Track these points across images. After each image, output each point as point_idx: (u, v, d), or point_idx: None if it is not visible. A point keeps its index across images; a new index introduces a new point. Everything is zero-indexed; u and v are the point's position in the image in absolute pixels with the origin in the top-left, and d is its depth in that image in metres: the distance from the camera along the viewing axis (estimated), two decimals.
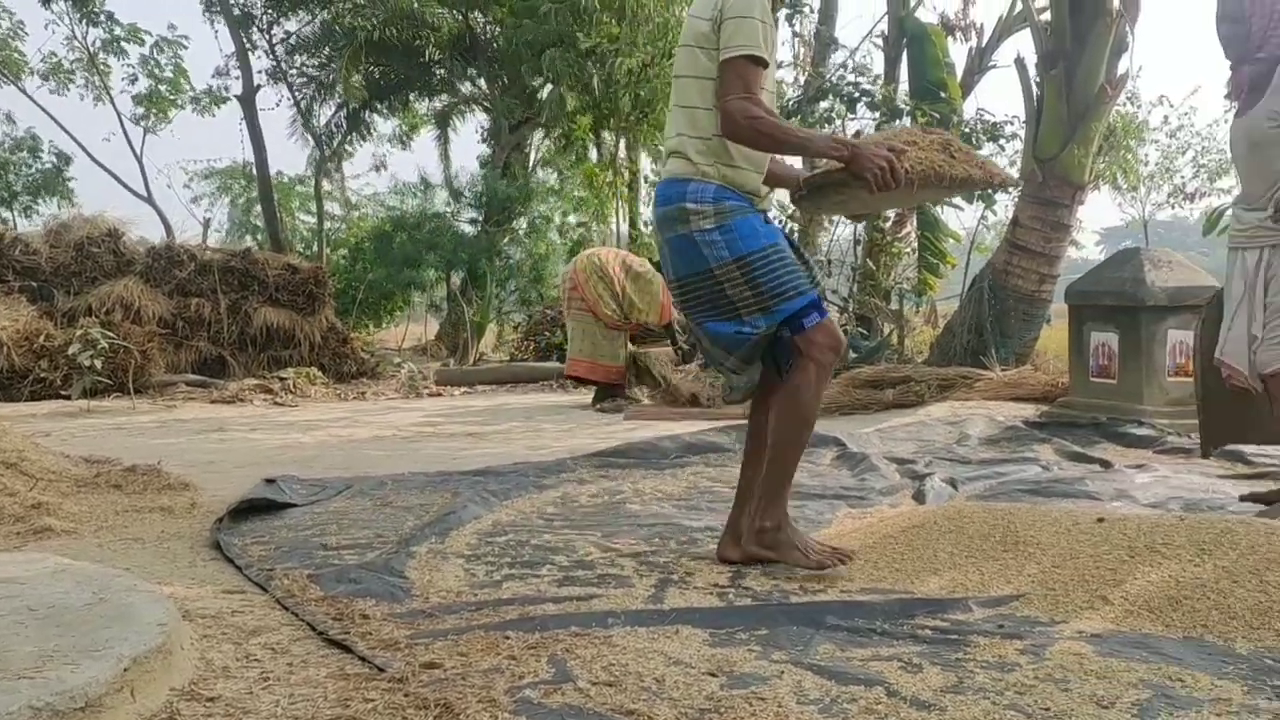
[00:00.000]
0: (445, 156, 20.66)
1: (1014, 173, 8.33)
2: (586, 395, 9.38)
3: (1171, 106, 10.66)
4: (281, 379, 10.94)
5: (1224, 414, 4.21)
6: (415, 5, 17.81)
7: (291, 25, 19.27)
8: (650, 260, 9.95)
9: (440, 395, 10.93)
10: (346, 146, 21.43)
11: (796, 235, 9.50)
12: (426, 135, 21.95)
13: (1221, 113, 3.81)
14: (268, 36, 19.24)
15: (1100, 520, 3.17)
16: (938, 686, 2.12)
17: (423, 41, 17.71)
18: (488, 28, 18.42)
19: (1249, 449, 4.82)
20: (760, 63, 2.99)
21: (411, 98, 20.53)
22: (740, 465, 3.43)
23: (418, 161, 43.91)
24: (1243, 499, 4.06)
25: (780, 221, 8.20)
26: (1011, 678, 2.17)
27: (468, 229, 18.24)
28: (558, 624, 2.52)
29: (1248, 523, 3.03)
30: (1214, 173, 10.48)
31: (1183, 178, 11.65)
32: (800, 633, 2.49)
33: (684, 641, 2.41)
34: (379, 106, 20.30)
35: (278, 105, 20.64)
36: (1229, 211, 4.23)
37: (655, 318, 8.86)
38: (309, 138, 20.14)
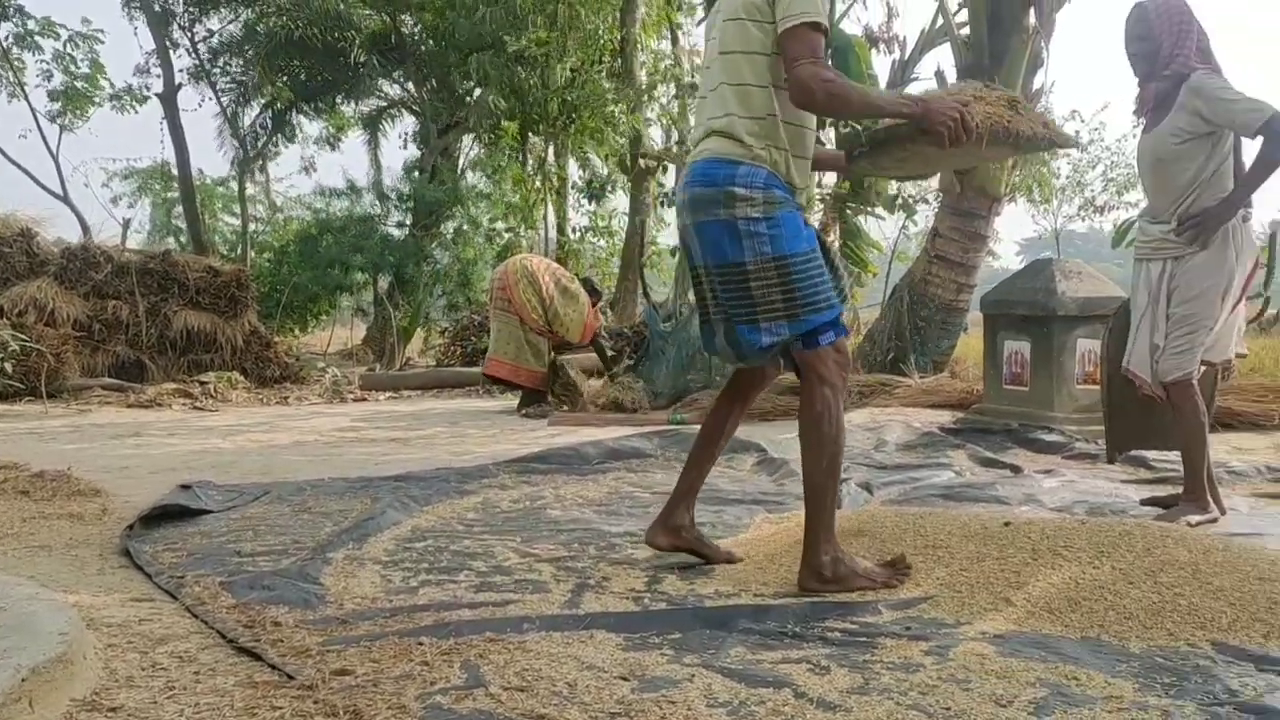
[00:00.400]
0: (375, 160, 20.53)
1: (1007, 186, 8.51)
2: (512, 401, 9.37)
3: (1083, 121, 10.96)
4: (202, 383, 10.75)
5: (1128, 421, 4.32)
6: (340, 6, 17.64)
7: (214, 24, 18.98)
8: (578, 275, 9.99)
9: (365, 400, 10.83)
10: (272, 148, 21.17)
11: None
12: (354, 138, 21.79)
13: (1130, 128, 3.94)
14: (189, 35, 18.93)
15: (1007, 524, 3.26)
16: (844, 688, 2.17)
17: (347, 43, 17.55)
18: (415, 30, 18.31)
19: (1151, 454, 4.96)
20: (822, 29, 2.84)
21: (338, 100, 20.33)
22: (684, 464, 3.36)
23: (345, 164, 43.31)
24: (1143, 503, 4.19)
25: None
26: (916, 678, 2.22)
27: (395, 232, 18.11)
28: (472, 630, 2.52)
29: (1145, 526, 3.13)
30: (1122, 186, 10.81)
31: (1093, 191, 12.00)
32: (713, 636, 2.53)
33: (598, 646, 2.43)
34: (305, 108, 20.09)
35: (200, 106, 20.35)
36: (1136, 224, 4.35)
37: (576, 338, 8.89)
38: (233, 139, 19.85)
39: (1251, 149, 3.86)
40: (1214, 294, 3.90)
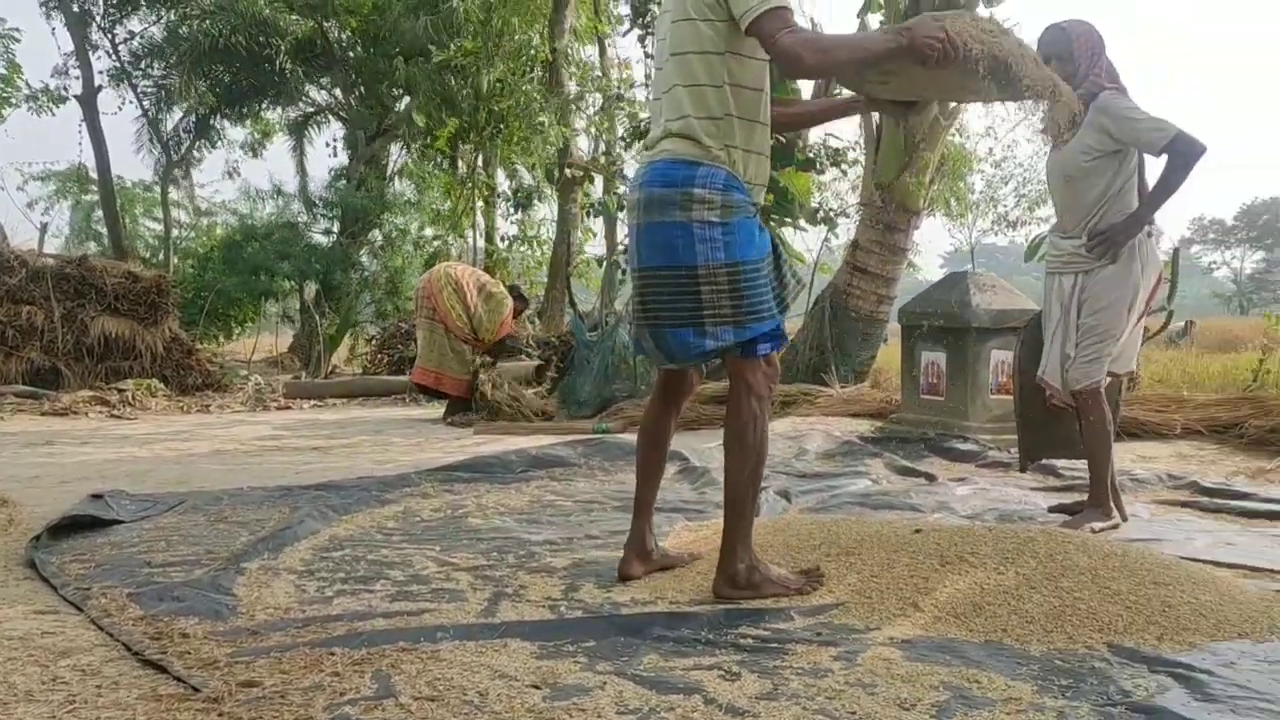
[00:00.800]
0: (300, 166, 20.30)
1: (856, 198, 8.71)
2: (438, 409, 9.33)
3: (996, 139, 11.22)
4: (120, 391, 10.55)
5: (1038, 430, 4.42)
6: (265, 11, 17.43)
7: (135, 25, 18.64)
8: (506, 283, 9.98)
9: (289, 408, 10.72)
10: (195, 153, 20.84)
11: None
12: (280, 143, 21.52)
13: (1041, 146, 4.05)
14: (109, 36, 18.57)
15: (917, 531, 3.33)
16: (753, 694, 2.20)
17: (273, 49, 17.35)
18: (342, 36, 18.16)
19: (1060, 463, 5.09)
20: (785, 7, 2.78)
21: (264, 105, 20.07)
22: (636, 477, 3.32)
23: (271, 170, 42.83)
24: (1051, 510, 4.31)
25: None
26: (823, 683, 2.26)
27: (322, 239, 17.93)
28: (385, 639, 2.52)
29: (1048, 532, 3.22)
30: (1034, 202, 11.09)
31: (1005, 206, 12.31)
32: (627, 643, 2.55)
33: (511, 655, 2.44)
34: (229, 113, 19.80)
35: (121, 109, 19.96)
36: (1047, 239, 4.46)
37: (491, 337, 8.91)
38: (155, 143, 19.50)
39: (1154, 166, 4.00)
40: (1120, 306, 4.02)
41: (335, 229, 18.23)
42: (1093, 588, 2.81)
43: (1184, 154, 3.80)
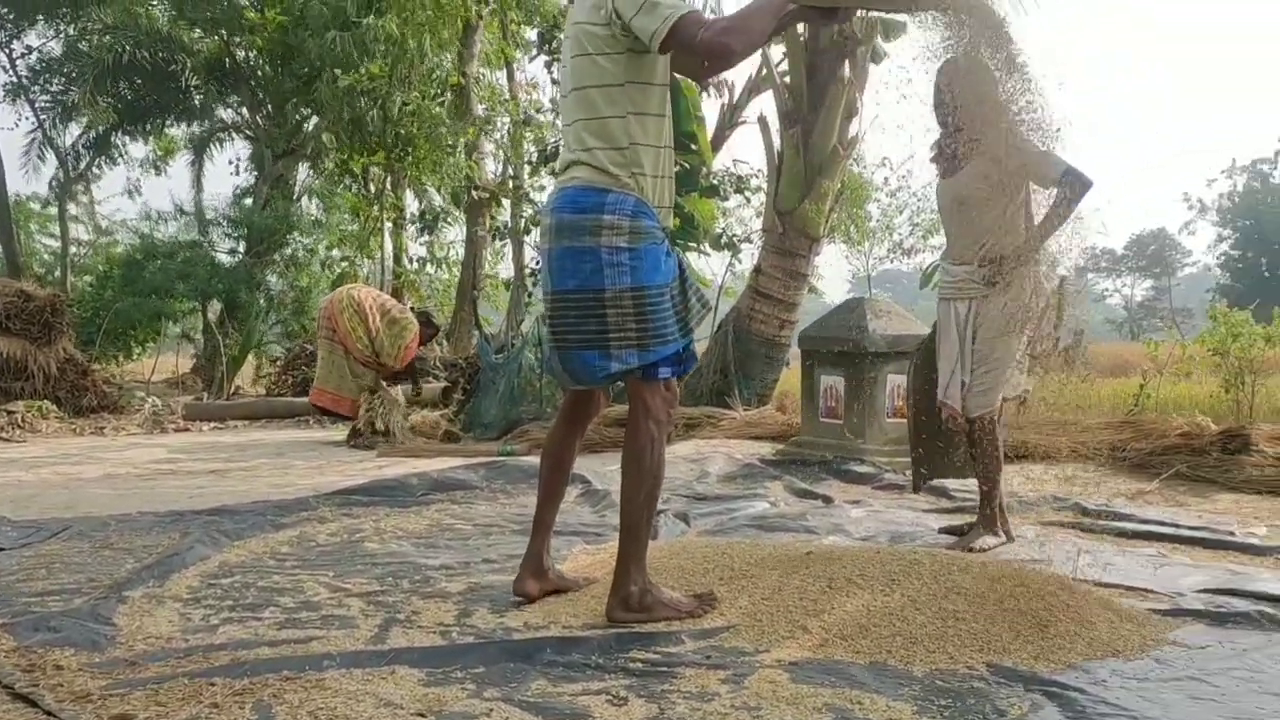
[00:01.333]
0: (198, 183, 19.91)
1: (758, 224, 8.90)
2: (342, 431, 9.19)
3: (892, 169, 11.50)
4: (10, 412, 10.19)
5: (932, 452, 4.51)
6: (169, 29, 17.11)
7: (33, 40, 18.16)
8: (413, 307, 9.88)
9: (188, 431, 10.47)
10: (94, 169, 20.31)
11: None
12: (184, 161, 21.09)
13: (934, 175, 4.16)
14: (6, 51, 18.05)
15: (809, 554, 3.38)
16: (640, 718, 2.22)
17: (178, 66, 17.03)
18: (250, 55, 17.90)
19: (953, 485, 5.21)
20: (690, 11, 2.88)
21: (168, 122, 19.67)
22: (538, 496, 3.34)
23: (173, 188, 41.71)
24: (941, 531, 4.41)
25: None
26: (710, 706, 2.29)
27: (226, 259, 17.60)
28: (269, 668, 2.49)
29: (934, 554, 3.30)
30: (928, 230, 11.43)
31: (900, 234, 12.66)
32: (517, 669, 2.55)
33: (398, 682, 2.43)
34: (132, 129, 19.36)
35: (17, 125, 19.42)
36: (939, 265, 4.55)
37: (393, 363, 8.81)
38: (44, 159, 18.98)
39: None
40: (1011, 336, 4.13)
41: (240, 248, 17.90)
42: (975, 608, 2.88)
43: (1074, 187, 3.93)
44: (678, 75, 3.46)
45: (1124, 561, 3.86)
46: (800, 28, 8.51)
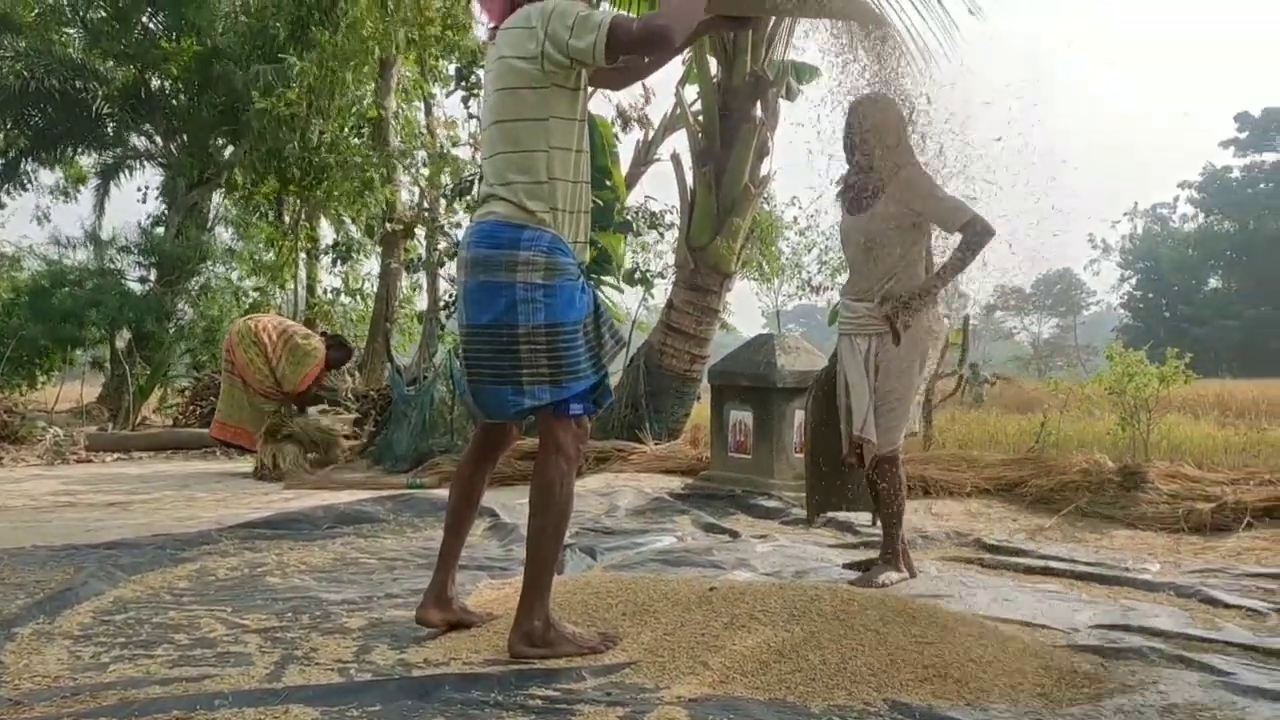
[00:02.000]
0: (100, 210, 19.49)
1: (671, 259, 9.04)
2: (249, 464, 9.01)
3: (801, 208, 11.69)
4: None
5: (828, 484, 4.55)
6: (81, 57, 16.79)
7: None
8: (325, 332, 9.74)
9: (91, 461, 10.16)
10: (4, 197, 19.76)
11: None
12: (96, 188, 20.60)
13: (840, 213, 4.24)
14: None
15: (712, 589, 3.40)
16: None
17: (90, 94, 16.72)
18: (165, 84, 17.63)
19: (858, 520, 5.28)
20: (614, 17, 2.94)
21: (79, 150, 19.23)
22: (445, 531, 3.33)
23: (83, 216, 40.66)
24: (845, 566, 4.46)
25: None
26: None
27: (137, 287, 17.22)
28: (159, 708, 2.43)
29: (835, 590, 3.34)
30: (836, 269, 11.65)
31: (809, 272, 12.91)
32: (414, 707, 2.53)
33: None
34: (43, 157, 18.89)
35: None
36: (840, 301, 4.61)
37: (293, 389, 8.70)
38: None
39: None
40: (912, 370, 4.22)
41: (152, 277, 17.53)
42: (874, 644, 2.92)
43: (978, 234, 4.01)
44: (592, 111, 3.52)
45: (1022, 597, 3.94)
46: (713, 68, 8.66)
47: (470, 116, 10.97)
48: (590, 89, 3.16)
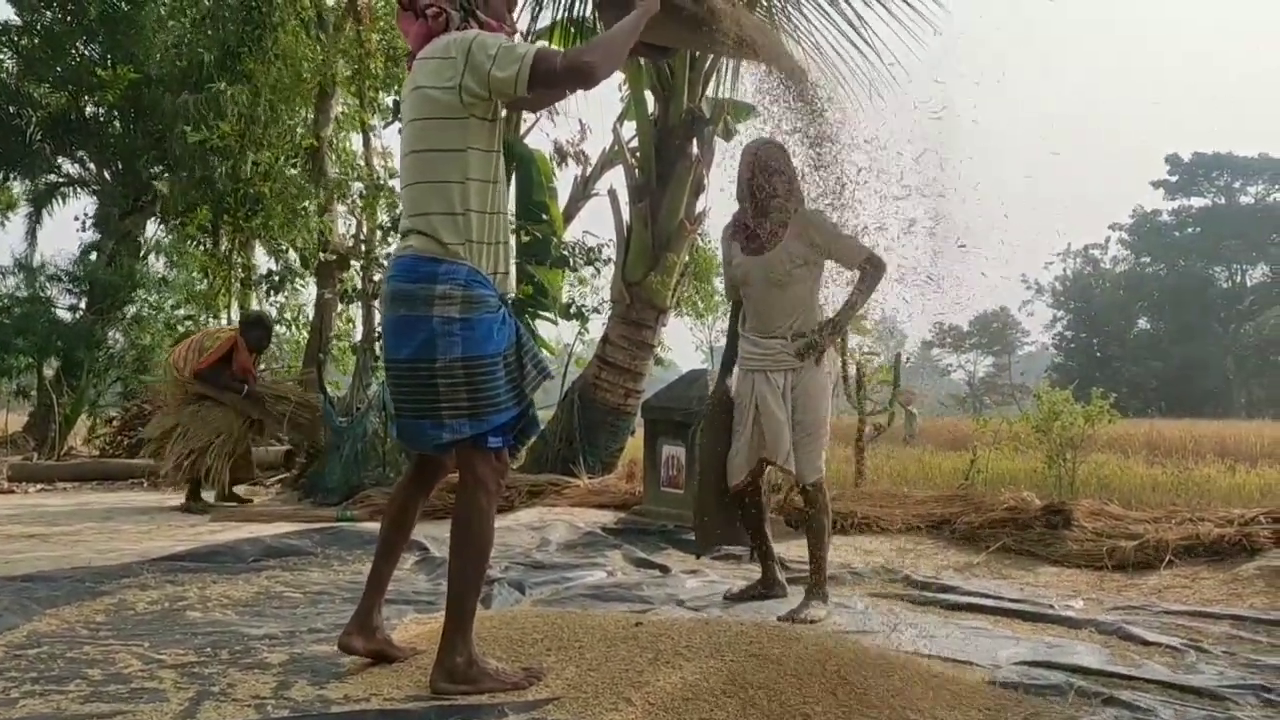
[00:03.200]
0: (32, 237, 19.16)
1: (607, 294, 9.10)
2: (177, 496, 8.83)
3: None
4: None
5: (719, 518, 4.58)
6: (14, 83, 16.56)
7: None
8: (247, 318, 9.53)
9: (13, 492, 9.91)
10: None
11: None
12: (27, 215, 20.23)
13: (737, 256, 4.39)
14: None
15: (638, 625, 3.40)
16: None
17: (23, 119, 16.48)
18: (100, 111, 17.40)
19: (788, 552, 5.31)
20: (537, 49, 2.97)
21: (11, 176, 18.89)
22: (374, 560, 3.31)
23: (13, 244, 39.97)
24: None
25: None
26: None
27: (66, 315, 16.91)
28: None
29: (760, 626, 3.36)
30: None
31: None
32: None
33: None
34: None
35: None
36: (744, 337, 4.65)
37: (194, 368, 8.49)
38: None
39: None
40: (826, 402, 4.43)
41: (83, 305, 17.21)
42: (800, 680, 2.93)
43: (876, 268, 4.24)
44: (530, 146, 3.56)
45: (947, 633, 3.97)
46: (650, 105, 8.74)
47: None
48: (529, 117, 3.22)
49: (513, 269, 3.24)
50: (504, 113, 3.15)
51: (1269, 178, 58.24)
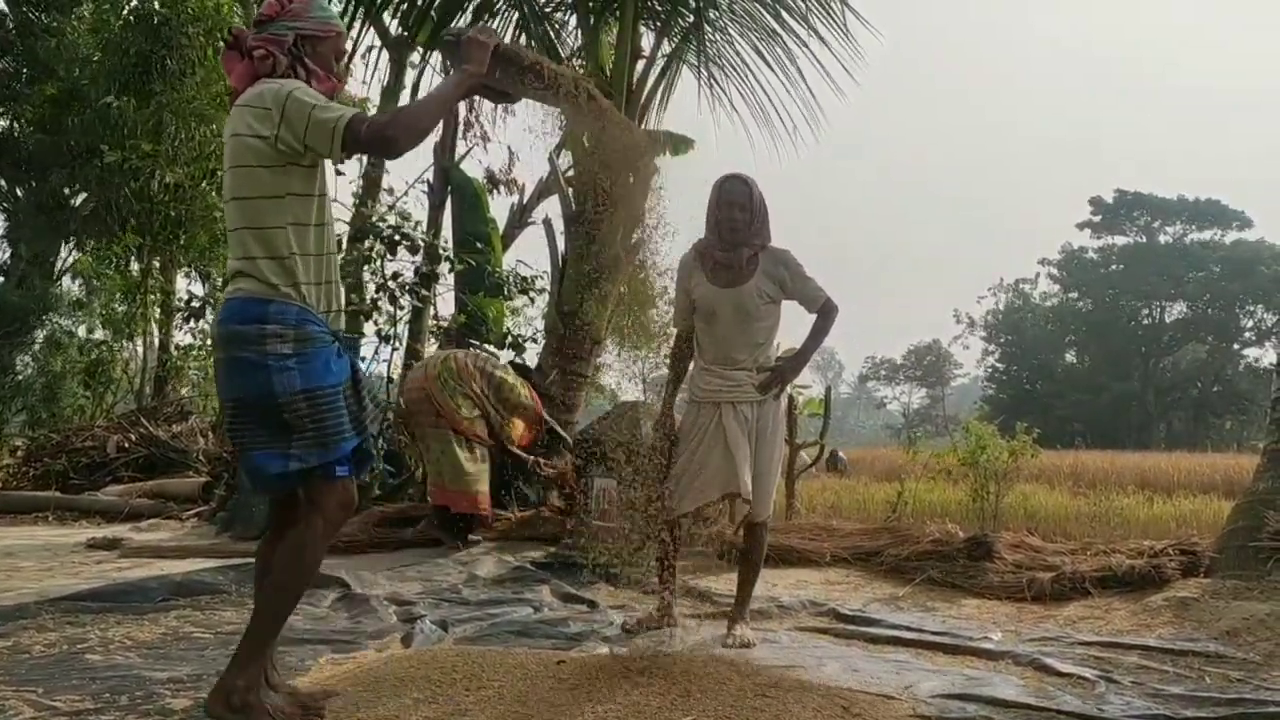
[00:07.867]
0: None
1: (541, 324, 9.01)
2: (86, 530, 8.52)
3: (673, 278, 11.76)
4: None
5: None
6: None
7: None
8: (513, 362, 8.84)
9: None
10: None
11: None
12: None
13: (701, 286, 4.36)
14: None
15: (560, 662, 3.35)
16: None
17: None
18: (15, 127, 17.02)
19: (716, 587, 5.29)
20: (343, 107, 2.99)
21: None
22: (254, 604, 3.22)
23: None
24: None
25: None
26: None
27: None
28: None
29: (684, 659, 3.32)
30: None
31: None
32: None
33: None
34: None
35: None
36: (702, 368, 4.64)
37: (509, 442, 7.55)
38: None
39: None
40: (781, 437, 4.52)
41: None
42: (721, 712, 2.90)
43: (833, 311, 4.39)
44: (468, 174, 3.54)
45: (870, 666, 3.96)
46: (584, 136, 8.71)
47: (338, 174, 10.83)
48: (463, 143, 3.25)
49: (343, 305, 3.23)
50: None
51: (1186, 218, 59.92)
